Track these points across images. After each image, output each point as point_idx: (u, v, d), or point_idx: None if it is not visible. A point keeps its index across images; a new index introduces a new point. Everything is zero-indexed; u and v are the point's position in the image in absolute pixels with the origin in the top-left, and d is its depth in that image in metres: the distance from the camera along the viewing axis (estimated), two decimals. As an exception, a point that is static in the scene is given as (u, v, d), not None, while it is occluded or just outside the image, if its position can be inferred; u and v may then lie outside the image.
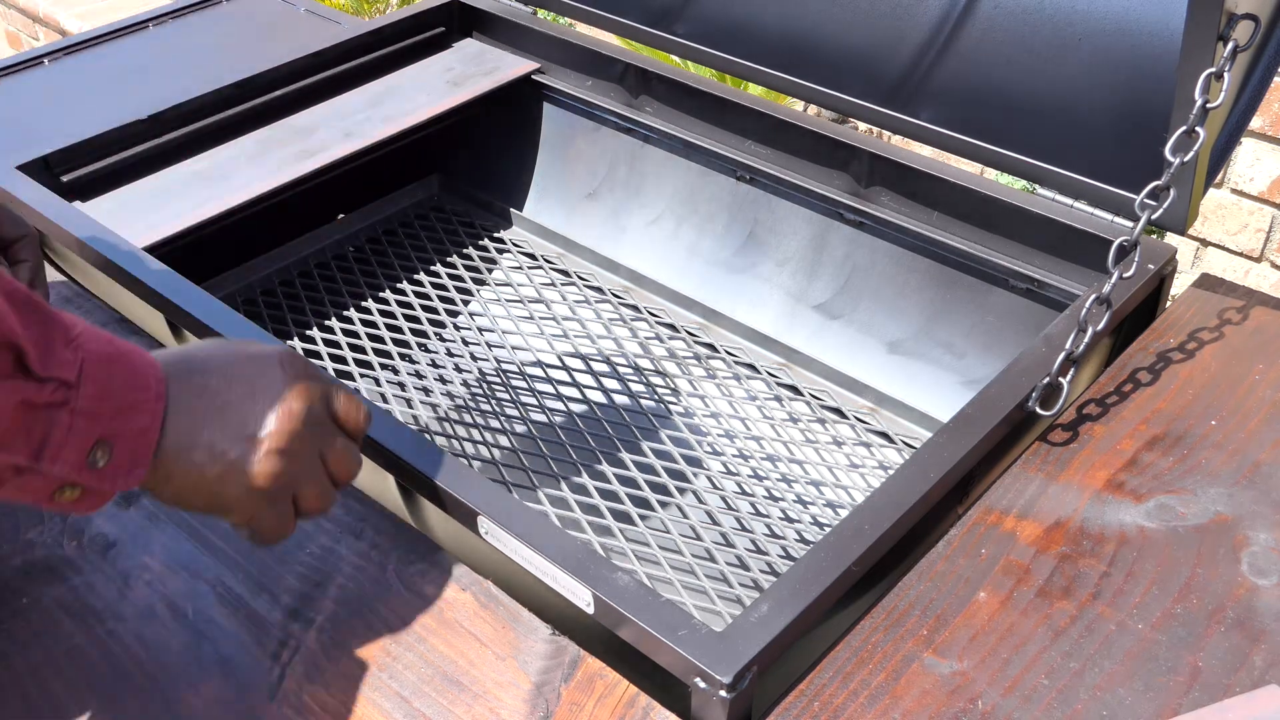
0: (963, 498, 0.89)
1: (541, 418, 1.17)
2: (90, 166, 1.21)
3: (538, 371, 1.23)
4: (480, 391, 1.21)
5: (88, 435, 0.57)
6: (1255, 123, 1.84)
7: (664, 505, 1.05)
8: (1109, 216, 1.06)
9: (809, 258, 1.28)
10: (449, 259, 1.42)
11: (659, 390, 1.20)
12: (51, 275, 1.14)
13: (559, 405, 1.19)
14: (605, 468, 1.10)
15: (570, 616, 0.77)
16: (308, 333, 1.25)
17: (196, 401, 0.62)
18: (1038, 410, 0.88)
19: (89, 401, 0.57)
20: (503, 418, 1.16)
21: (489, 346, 1.27)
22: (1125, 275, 0.90)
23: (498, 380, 1.22)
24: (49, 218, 1.07)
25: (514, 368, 1.24)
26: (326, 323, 1.28)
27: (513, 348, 1.26)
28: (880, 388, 1.19)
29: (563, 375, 1.22)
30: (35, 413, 0.55)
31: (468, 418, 1.17)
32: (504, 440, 1.14)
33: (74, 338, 0.57)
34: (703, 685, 0.68)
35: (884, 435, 1.16)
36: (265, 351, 0.66)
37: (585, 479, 1.08)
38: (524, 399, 1.19)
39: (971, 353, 1.17)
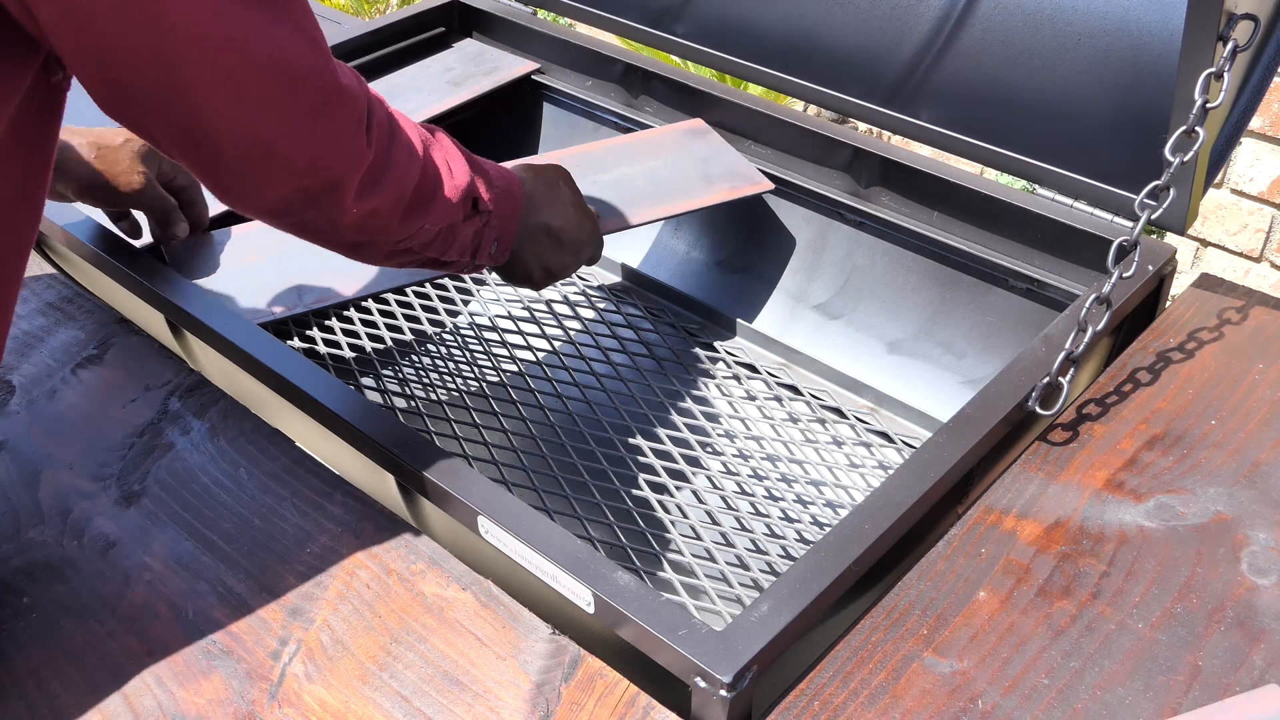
0: (963, 497, 0.89)
1: (541, 417, 1.17)
2: (90, 166, 1.21)
3: (538, 371, 1.23)
4: (480, 391, 1.21)
5: (493, 239, 0.92)
6: (1255, 123, 1.84)
7: (663, 505, 1.05)
8: (1109, 216, 1.06)
9: (809, 258, 1.28)
10: (449, 259, 1.42)
11: (659, 390, 1.20)
12: (52, 275, 1.14)
13: (559, 405, 1.19)
14: (605, 468, 1.10)
15: (570, 616, 0.77)
16: (308, 333, 1.25)
17: (529, 217, 0.96)
18: (1038, 410, 0.88)
19: (497, 220, 0.91)
20: (503, 417, 1.16)
21: (489, 346, 1.27)
22: (1125, 275, 0.91)
23: (498, 380, 1.22)
24: (49, 218, 1.07)
25: (514, 368, 1.24)
26: (327, 323, 1.28)
27: (513, 347, 1.26)
28: (880, 388, 1.19)
29: (563, 375, 1.22)
30: (479, 232, 0.89)
31: (468, 417, 1.16)
32: (504, 440, 1.14)
33: (490, 178, 0.89)
34: (703, 684, 0.69)
35: (884, 435, 1.16)
36: (553, 179, 0.99)
37: (585, 479, 1.08)
38: (524, 399, 1.19)
39: (971, 353, 1.17)
